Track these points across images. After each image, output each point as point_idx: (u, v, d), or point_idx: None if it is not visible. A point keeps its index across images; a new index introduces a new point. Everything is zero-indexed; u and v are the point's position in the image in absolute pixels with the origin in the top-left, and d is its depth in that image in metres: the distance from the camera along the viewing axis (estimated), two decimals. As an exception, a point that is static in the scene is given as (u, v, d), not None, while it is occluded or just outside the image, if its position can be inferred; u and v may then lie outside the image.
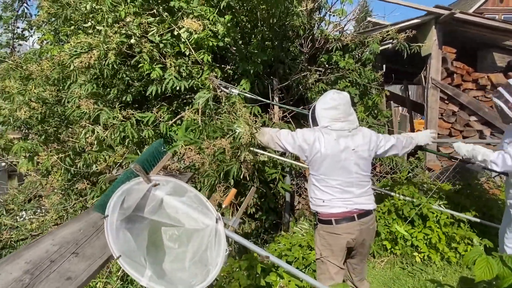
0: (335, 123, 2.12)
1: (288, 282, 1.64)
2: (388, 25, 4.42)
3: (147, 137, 3.29)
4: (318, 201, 2.13)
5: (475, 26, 4.94)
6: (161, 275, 1.20)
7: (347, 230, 2.11)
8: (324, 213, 2.11)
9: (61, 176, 3.58)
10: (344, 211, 2.09)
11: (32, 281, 0.83)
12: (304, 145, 2.11)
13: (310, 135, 2.12)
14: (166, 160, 1.56)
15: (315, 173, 2.13)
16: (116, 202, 1.21)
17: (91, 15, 3.36)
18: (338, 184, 2.10)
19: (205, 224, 1.42)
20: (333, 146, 2.07)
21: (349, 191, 2.13)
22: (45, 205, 3.91)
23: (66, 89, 3.55)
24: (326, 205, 2.11)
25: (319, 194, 2.13)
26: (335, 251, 2.15)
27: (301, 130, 2.22)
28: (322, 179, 2.11)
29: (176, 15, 3.40)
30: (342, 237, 2.11)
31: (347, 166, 2.12)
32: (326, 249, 2.16)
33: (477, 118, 5.20)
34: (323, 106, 2.16)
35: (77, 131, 3.22)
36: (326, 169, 2.09)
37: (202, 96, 2.95)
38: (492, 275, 0.87)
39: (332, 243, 2.13)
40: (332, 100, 2.14)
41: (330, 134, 2.10)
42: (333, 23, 4.15)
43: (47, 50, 3.68)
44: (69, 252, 1.00)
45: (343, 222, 2.09)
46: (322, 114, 2.15)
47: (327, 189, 2.10)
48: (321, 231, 2.15)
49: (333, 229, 2.11)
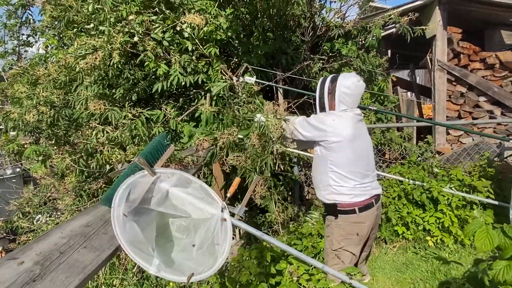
0: (352, 109, 2.12)
1: (297, 268, 1.65)
2: (390, 8, 4.35)
3: (157, 134, 3.33)
4: (341, 189, 2.06)
5: (480, 4, 4.83)
6: (169, 264, 1.23)
7: (369, 217, 2.10)
8: (346, 202, 2.06)
9: (75, 178, 3.65)
10: (366, 199, 2.08)
11: (43, 271, 0.86)
12: (328, 129, 2.03)
13: (330, 119, 2.06)
14: (170, 152, 1.58)
15: (337, 159, 2.05)
16: (122, 195, 1.24)
17: (93, 16, 3.40)
18: (361, 168, 2.08)
19: (211, 214, 1.44)
20: (355, 129, 2.05)
21: (368, 175, 2.12)
22: (59, 207, 4.00)
23: (73, 91, 3.61)
24: (349, 194, 2.06)
25: (341, 182, 2.06)
26: (357, 241, 2.12)
27: (318, 116, 2.14)
28: (345, 164, 2.04)
29: (178, 11, 3.41)
30: (366, 225, 2.10)
31: (366, 149, 2.14)
32: (346, 239, 2.10)
33: (486, 98, 5.11)
34: (345, 90, 2.10)
35: (87, 132, 3.28)
36: (350, 153, 2.04)
37: (216, 85, 2.96)
38: (493, 245, 0.86)
39: (355, 232, 2.09)
40: (356, 88, 2.11)
41: (351, 118, 2.09)
42: (334, 10, 4.10)
43: (52, 54, 3.73)
44: (77, 244, 1.02)
45: (365, 210, 2.08)
46: (344, 98, 2.11)
47: (350, 174, 2.05)
48: (340, 222, 2.09)
49: (357, 218, 2.07)
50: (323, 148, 2.09)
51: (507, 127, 5.06)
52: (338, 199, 2.06)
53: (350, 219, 2.07)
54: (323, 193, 2.14)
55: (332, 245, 2.14)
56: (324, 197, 2.14)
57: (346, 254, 2.12)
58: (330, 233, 2.16)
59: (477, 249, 0.95)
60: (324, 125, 2.04)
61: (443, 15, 4.81)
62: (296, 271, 1.58)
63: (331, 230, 2.15)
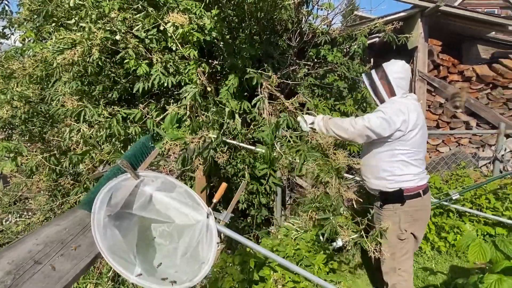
0: (410, 94, 2.12)
1: (282, 276, 1.62)
2: (375, 18, 4.43)
3: (134, 134, 3.23)
4: (407, 177, 2.05)
5: (459, 18, 5.01)
6: (151, 272, 1.17)
7: (429, 200, 2.16)
8: (412, 187, 2.05)
9: (46, 177, 3.49)
10: (426, 182, 2.13)
11: (15, 282, 0.80)
12: (402, 122, 1.97)
13: (399, 110, 1.99)
14: (154, 155, 1.52)
15: (406, 148, 2.02)
16: (103, 198, 1.18)
17: (75, 11, 3.28)
18: (422, 155, 2.10)
19: (196, 220, 1.40)
20: (419, 115, 2.04)
21: (424, 161, 2.15)
22: (31, 206, 3.82)
23: (50, 87, 3.47)
24: (415, 179, 2.06)
25: (406, 170, 2.04)
26: (422, 224, 2.15)
27: (386, 110, 2.00)
28: (413, 152, 2.04)
29: (162, 9, 3.34)
30: (429, 207, 2.16)
31: (426, 136, 2.14)
32: (412, 226, 2.09)
33: (463, 109, 5.27)
34: (399, 75, 2.08)
35: (62, 130, 3.15)
36: (416, 140, 2.03)
37: (189, 91, 2.89)
38: (486, 259, 0.87)
39: (420, 216, 2.11)
40: (406, 71, 2.12)
41: (417, 105, 2.08)
42: (321, 17, 4.13)
43: (29, 48, 3.58)
44: (54, 252, 0.96)
45: (427, 192, 2.12)
46: (400, 82, 2.09)
47: (416, 162, 2.06)
48: (406, 208, 2.07)
49: (422, 201, 2.09)
50: (390, 138, 2.03)
51: (481, 137, 5.25)
52: (404, 185, 2.05)
53: (416, 202, 2.07)
54: (384, 182, 2.09)
55: (401, 234, 2.09)
56: (385, 186, 2.09)
57: (412, 241, 2.11)
58: (394, 223, 2.09)
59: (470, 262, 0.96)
60: (403, 115, 1.97)
61: (424, 28, 4.95)
62: (281, 279, 1.55)
63: (394, 219, 2.10)
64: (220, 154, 2.43)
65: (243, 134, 3.54)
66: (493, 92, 5.24)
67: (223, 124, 3.14)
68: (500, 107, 5.22)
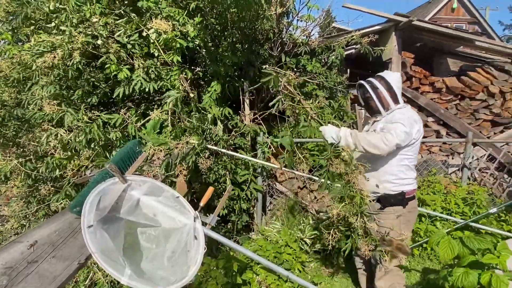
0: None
1: (265, 277, 1.67)
2: (352, 30, 4.62)
3: (114, 139, 3.20)
4: (408, 180, 2.20)
5: (430, 33, 5.28)
6: (140, 274, 1.19)
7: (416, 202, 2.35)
8: (411, 190, 2.21)
9: (21, 182, 3.39)
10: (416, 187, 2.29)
11: (10, 282, 0.81)
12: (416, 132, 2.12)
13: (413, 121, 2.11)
14: (142, 160, 1.54)
15: (410, 153, 2.17)
16: (93, 202, 1.19)
17: (55, 15, 3.24)
18: (416, 160, 2.28)
19: (183, 223, 1.42)
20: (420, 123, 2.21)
21: None
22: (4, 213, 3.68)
23: (26, 90, 3.39)
24: (413, 183, 2.23)
25: (408, 174, 2.19)
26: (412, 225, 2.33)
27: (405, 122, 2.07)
28: (414, 158, 2.20)
29: (144, 16, 3.35)
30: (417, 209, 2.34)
31: None
32: (406, 227, 2.22)
33: (434, 119, 5.55)
34: (398, 84, 2.25)
35: (39, 134, 3.08)
36: (417, 146, 2.20)
37: (171, 96, 2.91)
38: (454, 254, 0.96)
39: (412, 218, 2.28)
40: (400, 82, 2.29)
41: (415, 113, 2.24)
42: (301, 28, 4.27)
43: (5, 50, 3.49)
44: (46, 253, 0.97)
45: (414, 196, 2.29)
46: (399, 91, 2.25)
47: (414, 166, 2.23)
48: (404, 211, 2.20)
49: (414, 203, 2.26)
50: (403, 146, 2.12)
51: (451, 146, 5.52)
52: (405, 189, 2.18)
53: (412, 204, 2.23)
54: (390, 185, 2.18)
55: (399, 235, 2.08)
56: (390, 189, 2.18)
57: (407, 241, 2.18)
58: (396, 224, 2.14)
59: (440, 257, 1.04)
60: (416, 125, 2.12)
61: (398, 41, 5.19)
62: (265, 280, 1.60)
63: (396, 221, 2.18)
64: (203, 160, 2.47)
65: (225, 140, 3.58)
66: (462, 103, 5.54)
67: (205, 130, 3.17)
68: (468, 117, 5.53)
